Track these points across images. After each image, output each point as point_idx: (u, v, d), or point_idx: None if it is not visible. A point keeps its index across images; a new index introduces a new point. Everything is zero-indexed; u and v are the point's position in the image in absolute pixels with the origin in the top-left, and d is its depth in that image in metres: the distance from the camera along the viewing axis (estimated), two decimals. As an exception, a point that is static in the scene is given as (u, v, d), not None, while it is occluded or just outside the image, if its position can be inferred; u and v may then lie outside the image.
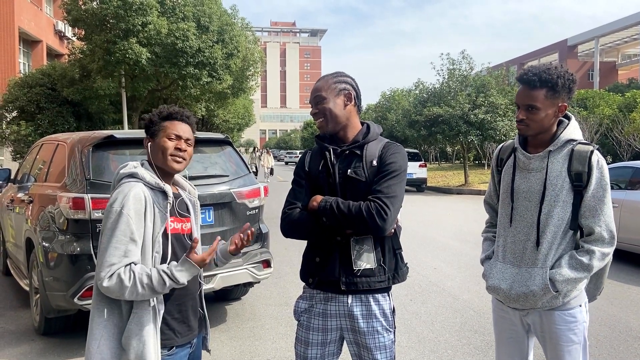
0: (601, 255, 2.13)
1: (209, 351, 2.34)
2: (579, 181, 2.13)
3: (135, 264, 1.92)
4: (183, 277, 1.95)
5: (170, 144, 2.07)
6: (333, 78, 2.23)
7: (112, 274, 1.87)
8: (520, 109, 2.18)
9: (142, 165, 2.10)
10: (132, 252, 1.91)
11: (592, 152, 2.14)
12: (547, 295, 2.13)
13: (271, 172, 29.02)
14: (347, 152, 2.18)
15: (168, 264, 1.98)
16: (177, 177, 2.23)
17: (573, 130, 2.21)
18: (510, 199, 2.27)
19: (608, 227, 2.14)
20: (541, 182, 2.17)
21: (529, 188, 2.21)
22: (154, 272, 1.92)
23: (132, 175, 2.02)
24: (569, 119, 2.25)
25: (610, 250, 2.16)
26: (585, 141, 2.20)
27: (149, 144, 2.10)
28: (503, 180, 2.35)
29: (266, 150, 29.93)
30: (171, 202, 2.06)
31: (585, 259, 2.12)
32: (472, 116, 19.42)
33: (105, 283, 1.87)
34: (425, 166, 21.31)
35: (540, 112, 2.13)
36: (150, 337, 1.93)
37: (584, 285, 2.20)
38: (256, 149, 29.96)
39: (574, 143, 2.18)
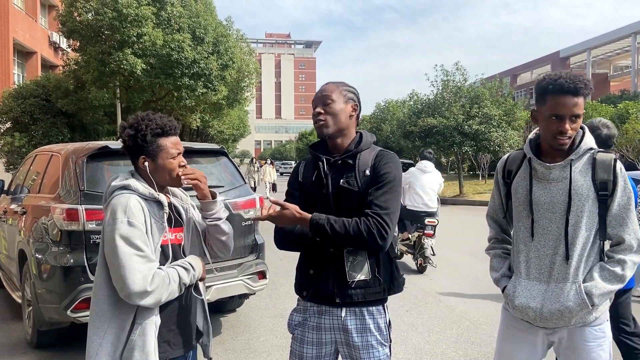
0: (632, 265, 2.06)
1: (210, 359, 2.32)
2: (604, 190, 2.06)
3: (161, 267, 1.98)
4: (197, 266, 2.10)
5: (176, 164, 2.06)
6: (342, 86, 2.22)
7: (151, 279, 1.88)
8: (564, 120, 2.03)
9: (133, 175, 2.06)
10: (152, 257, 1.94)
11: (615, 160, 2.08)
12: (583, 310, 2.05)
13: (273, 188, 23.81)
14: (340, 162, 2.16)
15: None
16: None
17: (591, 139, 2.15)
18: (530, 211, 2.15)
19: (636, 235, 2.08)
20: (565, 192, 2.08)
21: (551, 199, 2.11)
22: (178, 269, 2.01)
23: (125, 187, 1.99)
24: (581, 127, 2.17)
25: (639, 258, 2.09)
26: (602, 149, 2.14)
27: (146, 163, 2.04)
28: (517, 193, 2.23)
29: (269, 161, 24.98)
30: (167, 212, 2.04)
31: (618, 270, 2.05)
32: (466, 127, 19.52)
33: (150, 287, 1.87)
34: (420, 177, 21.28)
35: (580, 120, 2.05)
36: (152, 348, 1.93)
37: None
38: (254, 160, 25.48)
39: (593, 151, 2.11)
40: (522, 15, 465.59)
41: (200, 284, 2.23)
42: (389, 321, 2.20)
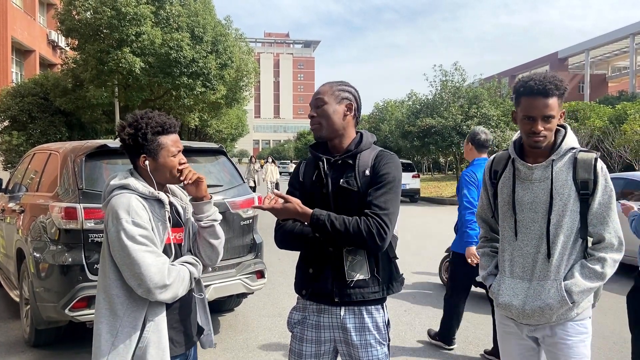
0: (612, 263, 2.10)
1: (214, 345, 2.34)
2: (585, 189, 2.10)
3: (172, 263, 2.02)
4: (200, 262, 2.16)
5: (176, 162, 2.06)
6: (337, 85, 2.21)
7: (167, 272, 1.92)
8: (535, 120, 2.07)
9: (132, 174, 2.06)
10: (161, 253, 1.97)
11: (596, 159, 2.11)
12: (563, 307, 2.08)
13: (276, 187, 21.78)
14: (340, 161, 2.16)
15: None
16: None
17: (573, 138, 2.18)
18: (513, 211, 2.20)
19: (617, 233, 2.12)
20: (547, 192, 2.12)
21: (533, 199, 2.15)
22: (187, 265, 2.05)
23: (124, 187, 1.98)
24: (564, 127, 2.20)
25: (620, 256, 2.12)
26: (584, 149, 2.17)
27: (146, 162, 2.03)
28: (502, 193, 2.27)
29: (271, 160, 22.99)
30: (168, 210, 2.04)
31: (598, 267, 2.08)
32: (464, 127, 19.57)
33: (168, 280, 1.91)
34: (419, 177, 21.36)
35: (555, 120, 2.09)
36: (167, 344, 1.96)
37: (592, 295, 2.17)
38: (253, 159, 23.50)
39: (575, 151, 2.15)
40: (520, 16, 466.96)
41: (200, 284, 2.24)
42: (388, 320, 2.20)
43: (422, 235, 11.30)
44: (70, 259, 3.97)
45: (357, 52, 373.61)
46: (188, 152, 4.77)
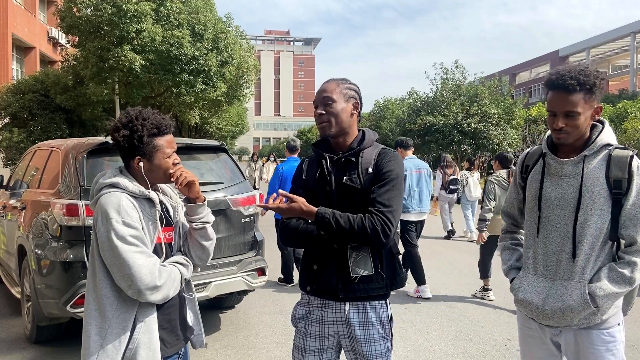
0: None
1: (205, 345, 2.32)
2: (618, 188, 1.97)
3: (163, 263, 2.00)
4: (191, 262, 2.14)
5: (170, 163, 2.03)
6: (343, 83, 2.21)
7: (158, 273, 1.90)
8: (557, 116, 2.00)
9: (122, 172, 2.02)
10: (152, 253, 1.94)
11: (632, 157, 1.98)
12: (585, 311, 1.98)
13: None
14: (343, 159, 2.17)
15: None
16: None
17: (609, 135, 2.07)
18: (538, 207, 2.12)
19: None
20: (576, 189, 2.02)
21: (562, 195, 2.06)
22: (178, 265, 2.03)
23: (113, 185, 1.94)
24: (601, 123, 2.10)
25: None
26: (622, 146, 2.06)
27: (141, 163, 1.98)
28: (530, 187, 2.19)
29: (273, 158, 21.10)
30: (159, 209, 2.02)
31: (627, 272, 1.96)
32: (465, 125, 19.57)
33: (159, 282, 1.89)
34: (419, 175, 21.31)
35: (581, 117, 1.98)
36: (157, 344, 1.93)
37: (621, 301, 2.07)
38: (255, 157, 22.47)
39: (611, 148, 2.03)
40: (519, 15, 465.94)
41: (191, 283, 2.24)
42: (391, 316, 2.22)
43: (422, 233, 11.27)
44: (71, 256, 3.98)
45: (358, 50, 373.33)
46: (190, 149, 4.80)
